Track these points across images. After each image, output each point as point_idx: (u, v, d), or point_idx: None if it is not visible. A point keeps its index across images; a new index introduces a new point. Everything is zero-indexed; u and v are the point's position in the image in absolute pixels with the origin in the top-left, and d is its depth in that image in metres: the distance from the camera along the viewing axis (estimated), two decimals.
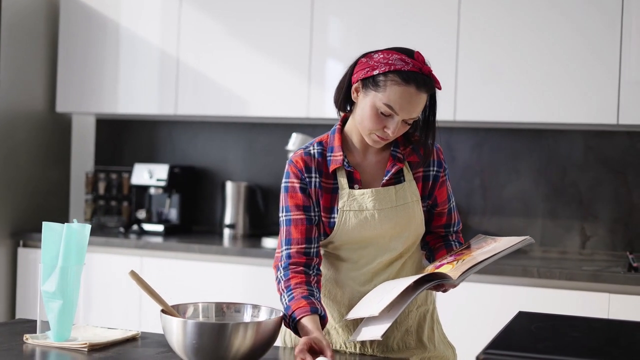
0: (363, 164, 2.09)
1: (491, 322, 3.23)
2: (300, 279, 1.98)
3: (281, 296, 1.99)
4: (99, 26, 4.22)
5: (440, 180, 2.12)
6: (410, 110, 1.95)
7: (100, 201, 4.48)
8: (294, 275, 1.99)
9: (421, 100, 1.95)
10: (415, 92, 1.93)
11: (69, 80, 4.28)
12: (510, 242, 1.95)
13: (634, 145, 3.74)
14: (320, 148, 2.08)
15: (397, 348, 2.09)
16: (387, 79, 1.93)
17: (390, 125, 1.96)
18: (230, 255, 3.70)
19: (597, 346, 1.54)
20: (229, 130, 4.41)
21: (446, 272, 1.90)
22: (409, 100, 1.93)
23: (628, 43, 3.40)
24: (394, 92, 1.93)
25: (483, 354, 1.42)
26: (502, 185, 3.93)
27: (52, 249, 2.05)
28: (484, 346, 1.42)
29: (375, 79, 1.95)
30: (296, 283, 1.97)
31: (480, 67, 3.60)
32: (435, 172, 2.11)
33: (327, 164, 2.07)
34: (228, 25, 4.00)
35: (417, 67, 1.94)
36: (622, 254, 3.71)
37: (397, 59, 1.94)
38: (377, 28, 3.74)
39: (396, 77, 1.93)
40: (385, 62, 1.95)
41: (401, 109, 1.94)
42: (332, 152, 2.07)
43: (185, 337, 1.75)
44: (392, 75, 1.93)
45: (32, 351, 1.97)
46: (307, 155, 2.07)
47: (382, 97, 1.94)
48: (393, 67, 1.93)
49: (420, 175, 2.10)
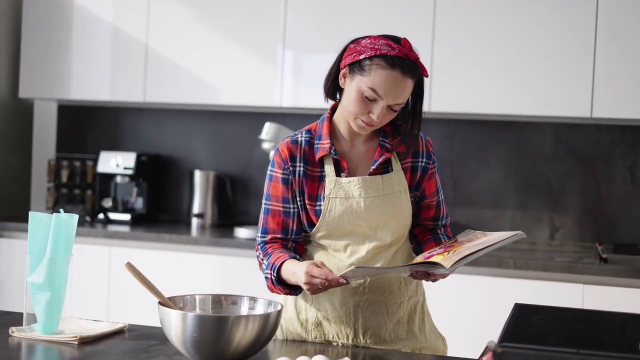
0: (350, 153, 2.10)
1: (470, 313, 3.27)
2: (277, 246, 2.08)
3: (262, 267, 2.07)
4: (64, 11, 4.11)
5: (429, 172, 2.12)
6: (395, 95, 1.95)
7: (63, 189, 4.38)
8: (271, 246, 2.08)
9: (406, 86, 1.96)
10: (401, 77, 1.94)
11: (33, 66, 4.17)
12: (502, 237, 1.95)
13: (603, 138, 3.80)
14: (308, 136, 2.10)
15: (389, 339, 2.09)
16: (372, 63, 1.94)
17: (375, 110, 1.96)
18: (202, 245, 3.65)
19: (608, 339, 1.55)
20: (195, 118, 4.35)
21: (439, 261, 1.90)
22: (393, 85, 1.94)
23: (603, 35, 3.44)
24: (379, 76, 1.93)
25: (499, 346, 1.41)
26: (472, 177, 3.95)
27: (38, 239, 2.00)
28: (468, 336, 1.42)
29: (361, 63, 1.96)
30: (273, 249, 2.07)
31: (453, 59, 3.61)
32: (424, 164, 2.11)
33: (314, 152, 2.07)
34: (199, 12, 3.94)
35: (403, 53, 1.95)
36: (590, 245, 3.77)
37: (384, 44, 1.95)
38: (351, 17, 3.72)
39: (381, 62, 1.94)
40: (372, 47, 1.96)
41: (385, 93, 1.94)
42: (319, 140, 2.08)
43: (185, 330, 1.71)
44: (378, 59, 1.94)
45: (18, 344, 1.92)
46: (293, 144, 2.08)
47: (367, 80, 1.95)
48: (379, 51, 1.94)
49: (409, 166, 2.10)
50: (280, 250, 2.06)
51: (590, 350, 1.39)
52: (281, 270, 1.99)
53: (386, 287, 2.08)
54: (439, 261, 1.90)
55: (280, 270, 1.99)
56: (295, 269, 1.94)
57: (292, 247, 2.10)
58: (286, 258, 2.00)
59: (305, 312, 2.11)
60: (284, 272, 1.98)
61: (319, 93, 2.01)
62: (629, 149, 3.78)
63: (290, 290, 2.03)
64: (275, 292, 2.05)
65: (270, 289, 2.05)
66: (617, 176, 3.79)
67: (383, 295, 2.07)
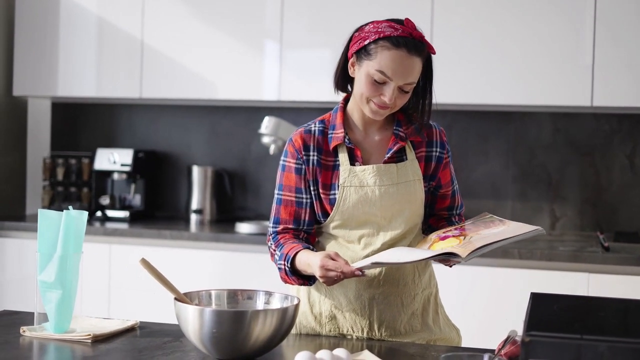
0: (364, 142, 2.10)
1: (477, 304, 3.26)
2: (289, 237, 2.07)
3: (275, 258, 2.05)
4: (57, 8, 4.07)
5: (444, 161, 2.13)
6: (404, 74, 1.95)
7: (59, 187, 4.35)
8: (283, 236, 2.07)
9: (414, 64, 1.96)
10: (407, 55, 1.94)
11: (26, 64, 4.12)
12: (520, 229, 1.92)
13: (601, 126, 3.80)
14: (322, 126, 2.10)
15: (404, 331, 2.08)
16: (377, 46, 1.95)
17: (386, 92, 1.96)
18: (203, 240, 3.63)
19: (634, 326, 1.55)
20: (192, 114, 4.32)
21: (454, 249, 1.89)
22: (400, 64, 1.94)
23: (601, 24, 3.44)
24: (385, 57, 1.94)
25: (527, 336, 1.40)
26: (471, 168, 3.95)
27: (48, 237, 1.97)
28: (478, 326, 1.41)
29: (367, 48, 1.97)
30: (285, 239, 2.06)
31: (451, 50, 3.60)
32: (438, 153, 2.11)
33: (328, 141, 2.07)
34: (194, 7, 3.91)
35: (407, 32, 1.95)
36: (590, 234, 3.77)
37: (387, 26, 1.97)
38: (347, 10, 3.70)
39: (386, 43, 1.95)
40: (375, 30, 1.97)
41: (394, 73, 1.94)
42: (333, 129, 2.08)
43: (202, 326, 1.69)
44: (382, 41, 1.95)
45: (30, 344, 1.90)
46: (307, 133, 2.08)
47: (375, 64, 1.95)
48: (383, 34, 1.95)
49: (423, 155, 2.10)
50: (293, 240, 2.05)
51: (617, 338, 1.39)
52: (295, 261, 1.98)
53: (401, 279, 2.07)
54: (455, 248, 1.88)
55: (295, 260, 1.98)
56: (310, 261, 1.93)
57: (304, 238, 2.09)
58: (300, 248, 1.98)
59: (319, 306, 2.10)
60: (299, 263, 1.97)
61: (316, 86, 2.01)
62: (627, 137, 3.78)
63: (304, 280, 2.02)
64: (289, 283, 2.04)
65: (284, 279, 2.04)
66: (616, 164, 3.79)
67: (398, 287, 2.06)
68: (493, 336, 2.01)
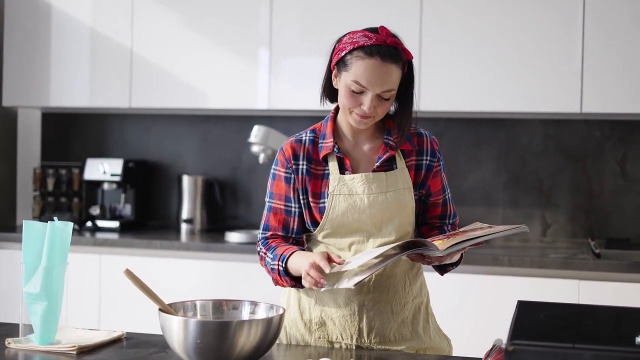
0: (354, 152, 2.11)
1: (467, 312, 3.25)
2: (279, 241, 2.10)
3: (266, 262, 2.06)
4: (46, 17, 4.06)
5: (434, 170, 2.12)
6: (379, 82, 1.96)
7: (49, 198, 4.33)
8: (273, 240, 2.10)
9: (390, 72, 1.97)
10: (381, 63, 1.95)
11: (15, 74, 4.11)
12: (504, 228, 1.98)
13: (593, 133, 3.80)
14: (312, 135, 2.12)
15: (393, 339, 2.07)
16: (352, 57, 1.98)
17: (364, 101, 1.98)
18: (193, 250, 3.61)
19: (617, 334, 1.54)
20: (182, 123, 4.31)
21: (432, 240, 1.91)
22: (375, 73, 1.95)
23: (591, 30, 3.44)
24: (359, 66, 1.96)
25: (511, 344, 1.40)
26: (462, 175, 3.94)
27: (33, 248, 1.96)
28: (467, 334, 1.40)
29: (344, 59, 2.00)
30: (277, 243, 2.08)
31: (442, 57, 3.60)
32: (428, 162, 2.11)
33: (318, 150, 2.09)
34: (183, 16, 3.90)
35: (380, 40, 1.97)
36: (582, 240, 3.76)
37: (361, 36, 1.99)
38: (337, 18, 3.70)
39: (360, 53, 1.97)
40: (351, 41, 2.00)
41: (369, 83, 1.96)
42: (323, 139, 2.10)
43: (187, 337, 1.68)
44: (357, 51, 1.97)
45: (15, 356, 1.88)
46: (297, 143, 2.11)
47: (350, 75, 1.98)
48: (357, 44, 1.98)
49: (413, 164, 2.10)
50: (285, 243, 2.08)
51: (603, 346, 1.38)
52: (289, 262, 2.00)
53: (391, 287, 2.07)
54: (435, 243, 1.89)
55: (289, 261, 2.00)
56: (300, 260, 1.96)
57: (292, 244, 2.10)
58: (295, 250, 2.02)
59: (309, 312, 2.09)
60: (292, 263, 1.99)
61: (306, 95, 2.01)
62: (618, 143, 3.78)
63: (296, 282, 2.02)
64: (280, 284, 2.06)
65: (276, 280, 2.05)
66: (607, 171, 3.79)
67: (388, 294, 2.06)
68: (484, 345, 2.00)
